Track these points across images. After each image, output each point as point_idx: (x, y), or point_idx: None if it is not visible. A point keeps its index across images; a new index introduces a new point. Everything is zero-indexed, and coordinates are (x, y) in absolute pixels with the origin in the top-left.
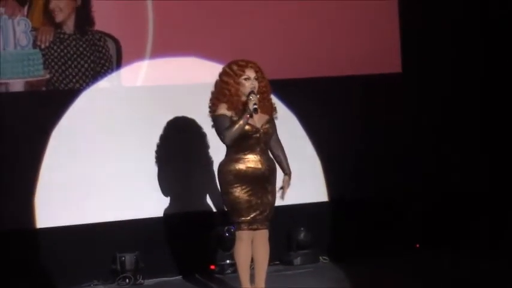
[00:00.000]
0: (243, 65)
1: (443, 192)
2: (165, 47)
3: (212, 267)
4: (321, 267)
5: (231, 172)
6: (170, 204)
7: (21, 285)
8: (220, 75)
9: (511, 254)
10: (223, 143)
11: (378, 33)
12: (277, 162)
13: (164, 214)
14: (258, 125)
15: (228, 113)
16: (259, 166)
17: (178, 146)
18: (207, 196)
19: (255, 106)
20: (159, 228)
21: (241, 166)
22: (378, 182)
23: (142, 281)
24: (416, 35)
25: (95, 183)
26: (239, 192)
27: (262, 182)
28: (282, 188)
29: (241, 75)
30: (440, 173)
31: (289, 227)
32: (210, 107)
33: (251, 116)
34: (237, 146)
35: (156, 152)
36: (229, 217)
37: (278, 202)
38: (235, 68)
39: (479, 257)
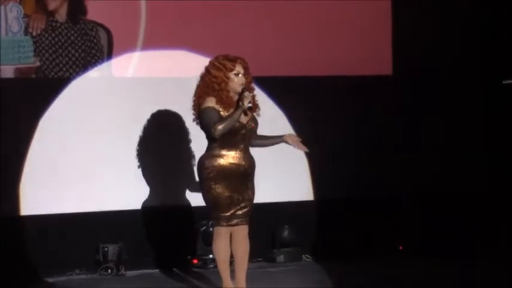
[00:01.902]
0: (233, 59)
1: (430, 193)
2: (157, 39)
3: (195, 261)
4: (303, 266)
5: (214, 168)
6: (156, 196)
7: (2, 273)
8: (208, 68)
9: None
10: (212, 136)
11: (370, 35)
12: (263, 141)
13: (149, 207)
14: (244, 122)
15: (217, 107)
16: (243, 163)
17: (165, 138)
18: (193, 190)
19: (250, 105)
20: (144, 221)
21: (224, 162)
22: (364, 182)
23: (124, 272)
24: (408, 38)
25: (82, 173)
26: (221, 189)
27: (243, 179)
28: (296, 144)
29: (231, 70)
30: (428, 174)
31: (273, 225)
32: (195, 100)
33: (245, 114)
34: (221, 142)
35: (142, 144)
36: (209, 212)
37: (264, 199)
38: (225, 62)
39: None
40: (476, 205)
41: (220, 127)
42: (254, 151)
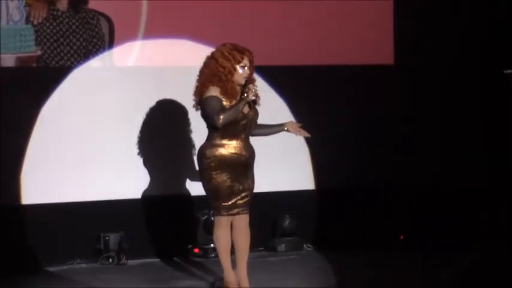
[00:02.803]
0: (242, 51)
1: (431, 184)
2: (158, 28)
3: (196, 250)
4: (304, 255)
5: (215, 157)
6: (157, 186)
7: (3, 262)
8: (217, 57)
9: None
10: (215, 125)
11: (372, 24)
12: (264, 130)
13: (150, 196)
14: (245, 112)
15: (220, 97)
16: (244, 153)
17: (166, 127)
18: (194, 179)
19: (254, 98)
20: (145, 210)
21: (225, 152)
22: (364, 171)
23: (125, 261)
24: (410, 27)
25: (82, 162)
26: (221, 178)
27: (244, 169)
28: (297, 130)
29: (239, 62)
30: (429, 165)
31: (274, 214)
32: (197, 86)
33: (249, 106)
34: (222, 131)
35: (144, 133)
36: (209, 202)
37: (265, 188)
38: (234, 53)
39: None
40: (476, 198)
41: (223, 117)
42: (255, 140)
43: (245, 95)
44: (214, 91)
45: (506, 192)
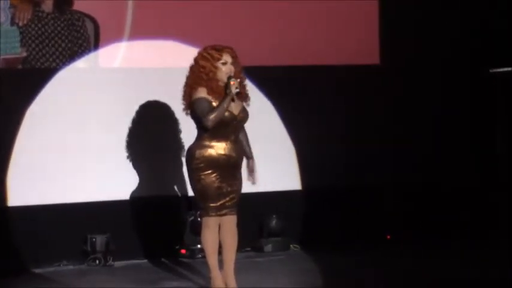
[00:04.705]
0: (220, 49)
1: (417, 183)
2: (144, 30)
3: (183, 251)
4: (291, 255)
5: (204, 158)
6: (143, 187)
7: None
8: (197, 59)
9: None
10: (205, 126)
11: (358, 24)
12: (243, 145)
13: (137, 197)
14: (235, 113)
15: (208, 97)
16: (233, 154)
17: (152, 128)
18: (180, 180)
19: (237, 90)
20: (132, 211)
21: (214, 153)
22: (352, 171)
23: (112, 262)
24: (396, 27)
25: (69, 163)
26: (210, 179)
27: (232, 170)
28: (251, 173)
29: (218, 59)
30: (417, 164)
31: (261, 214)
32: (185, 90)
33: (233, 100)
34: (211, 132)
35: (130, 134)
36: (197, 203)
37: (252, 189)
38: (212, 52)
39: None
40: (464, 195)
41: (211, 117)
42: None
43: (228, 90)
44: (201, 92)
45: (495, 192)
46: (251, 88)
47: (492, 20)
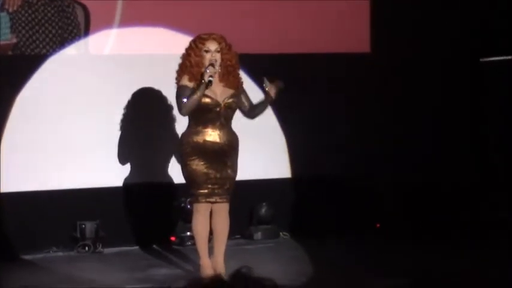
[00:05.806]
0: (204, 37)
1: (406, 173)
2: (134, 16)
3: (172, 238)
4: (281, 243)
5: (189, 144)
6: (133, 174)
7: None
8: (186, 49)
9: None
10: (180, 113)
11: (348, 12)
12: (257, 110)
13: (127, 184)
14: (220, 99)
15: (190, 84)
16: (218, 140)
17: (142, 115)
18: (171, 167)
19: (210, 78)
20: (122, 198)
21: (199, 139)
22: (342, 159)
23: (102, 249)
24: (386, 15)
25: (59, 150)
26: (196, 165)
27: (221, 156)
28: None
29: (201, 48)
30: (404, 154)
31: (251, 202)
32: (176, 78)
33: (207, 87)
34: (196, 119)
35: (121, 121)
36: (188, 189)
37: (242, 177)
38: (197, 40)
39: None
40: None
41: (184, 105)
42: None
43: (204, 79)
44: (184, 80)
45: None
46: (242, 76)
47: (483, 8)
